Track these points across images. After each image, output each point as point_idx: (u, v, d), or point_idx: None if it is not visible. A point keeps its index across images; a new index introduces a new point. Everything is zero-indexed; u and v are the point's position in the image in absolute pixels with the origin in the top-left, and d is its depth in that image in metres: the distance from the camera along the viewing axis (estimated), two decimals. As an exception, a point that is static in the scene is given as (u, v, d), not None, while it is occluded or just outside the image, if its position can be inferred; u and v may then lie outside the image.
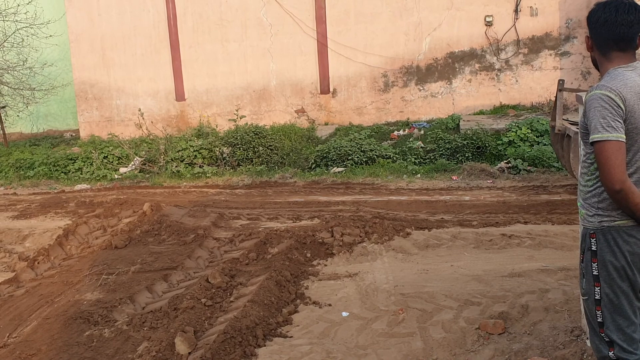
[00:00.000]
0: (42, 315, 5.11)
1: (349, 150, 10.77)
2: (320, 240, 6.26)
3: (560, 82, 7.80)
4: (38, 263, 6.50)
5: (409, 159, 10.58)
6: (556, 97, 7.81)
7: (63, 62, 15.32)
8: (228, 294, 5.19)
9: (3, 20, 14.26)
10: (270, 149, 11.55)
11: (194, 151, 11.74)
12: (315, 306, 4.93)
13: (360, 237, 6.34)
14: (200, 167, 11.44)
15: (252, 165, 11.27)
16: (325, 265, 5.83)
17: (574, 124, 8.01)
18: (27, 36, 14.38)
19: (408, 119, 13.24)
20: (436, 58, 13.20)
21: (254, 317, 4.51)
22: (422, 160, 10.59)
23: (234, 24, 13.84)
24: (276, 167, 11.15)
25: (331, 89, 13.67)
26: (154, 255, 6.34)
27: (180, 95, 14.35)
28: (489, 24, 12.77)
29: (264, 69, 13.88)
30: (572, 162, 7.01)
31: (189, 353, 4.17)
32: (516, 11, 12.58)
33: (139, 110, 13.24)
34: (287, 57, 13.73)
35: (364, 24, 13.31)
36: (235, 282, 5.39)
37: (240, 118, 12.63)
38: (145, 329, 4.70)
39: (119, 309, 5.06)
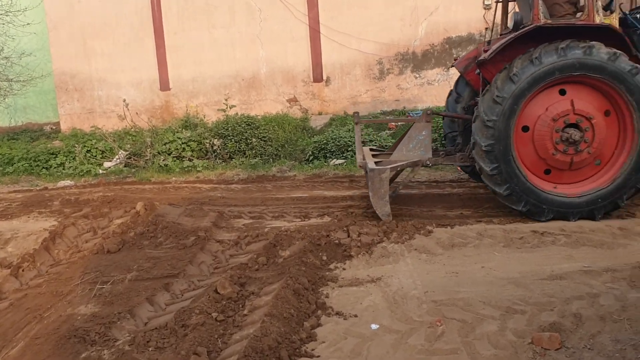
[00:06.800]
0: (30, 334, 4.52)
1: (349, 141, 10.25)
2: (336, 241, 5.75)
3: (356, 115, 7.43)
4: (23, 270, 5.92)
5: (411, 149, 10.09)
6: (355, 130, 7.41)
7: (42, 52, 14.57)
8: (240, 305, 4.65)
9: (-25, 8, 13.47)
10: (264, 141, 10.99)
11: (182, 144, 11.13)
12: (339, 317, 4.42)
13: (379, 236, 5.84)
14: (189, 160, 10.85)
15: (246, 157, 10.71)
16: (344, 269, 5.31)
17: (380, 151, 7.57)
18: (3, 24, 13.59)
19: (404, 107, 12.78)
20: (433, 44, 12.73)
21: (275, 334, 3.98)
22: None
23: (221, 9, 13.21)
24: (271, 159, 10.61)
25: (324, 77, 13.13)
26: (152, 260, 5.78)
27: (164, 85, 13.71)
28: (487, 7, 12.32)
29: (253, 56, 13.29)
30: (372, 200, 6.28)
31: (205, 378, 3.64)
32: (517, -6, 12.14)
33: (124, 100, 12.60)
34: (277, 43, 13.15)
35: (358, 8, 12.77)
36: (246, 292, 4.85)
37: (230, 108, 12.02)
38: (150, 349, 4.14)
39: (118, 325, 4.49)
